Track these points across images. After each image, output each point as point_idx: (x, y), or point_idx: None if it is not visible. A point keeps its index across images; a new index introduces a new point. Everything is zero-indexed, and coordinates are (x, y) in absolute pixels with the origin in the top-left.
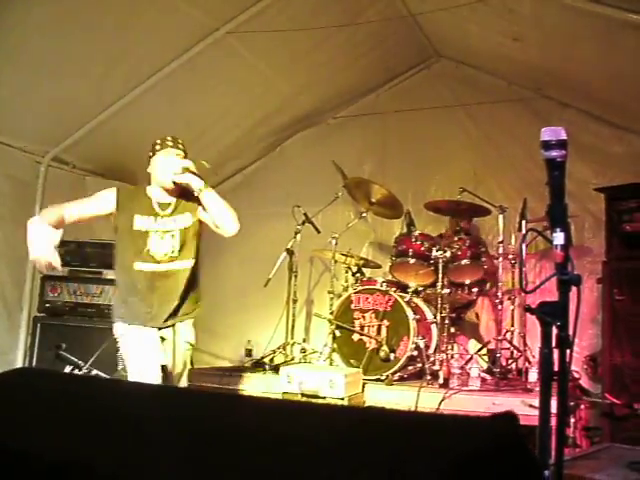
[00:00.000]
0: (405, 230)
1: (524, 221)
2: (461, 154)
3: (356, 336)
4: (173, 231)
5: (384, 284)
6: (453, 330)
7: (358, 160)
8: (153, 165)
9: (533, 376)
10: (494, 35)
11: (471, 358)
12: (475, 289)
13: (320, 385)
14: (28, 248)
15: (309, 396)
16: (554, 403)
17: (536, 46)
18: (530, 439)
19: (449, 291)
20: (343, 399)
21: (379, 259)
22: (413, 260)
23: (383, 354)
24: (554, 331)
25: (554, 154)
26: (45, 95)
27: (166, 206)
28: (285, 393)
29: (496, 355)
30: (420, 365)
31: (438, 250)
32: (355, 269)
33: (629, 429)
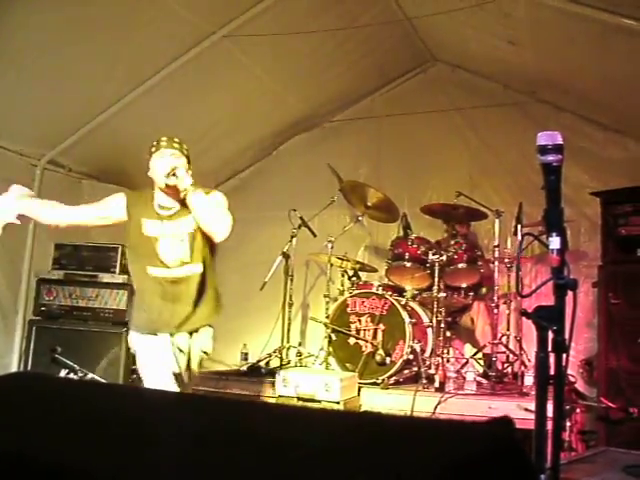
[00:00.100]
0: (401, 234)
1: (520, 225)
2: (457, 158)
3: (352, 340)
4: (181, 235)
5: (380, 288)
6: (449, 334)
7: (354, 164)
8: (150, 168)
9: (529, 380)
10: (490, 39)
11: (467, 362)
12: (471, 293)
13: (316, 389)
14: None
15: (305, 400)
16: (550, 407)
17: (532, 50)
18: (526, 443)
19: (445, 295)
20: (339, 403)
21: (375, 263)
22: (409, 264)
23: (379, 358)
24: (550, 335)
25: (550, 159)
26: (41, 98)
27: (169, 209)
28: (281, 397)
29: (492, 359)
30: (416, 369)
31: (434, 254)
32: (351, 273)
33: (625, 433)
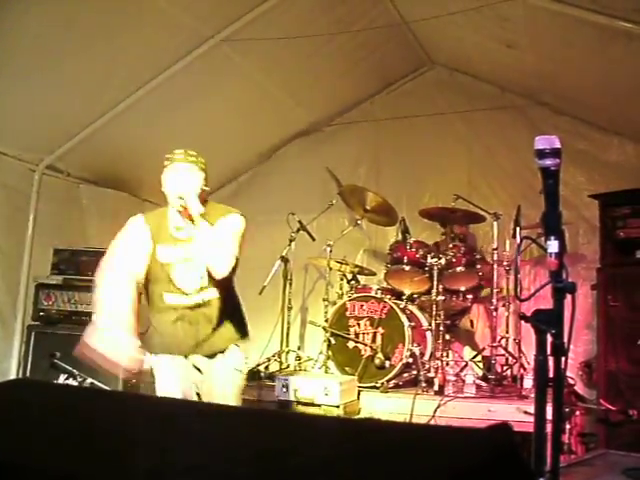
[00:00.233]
0: (400, 237)
1: (518, 228)
2: (455, 161)
3: (351, 344)
4: (195, 259)
5: (379, 291)
6: (448, 337)
7: (352, 167)
8: (162, 183)
9: (528, 383)
10: (488, 42)
11: (466, 365)
12: (470, 296)
13: (315, 393)
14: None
15: (304, 404)
16: (549, 410)
17: (530, 53)
18: (525, 446)
19: (444, 298)
20: (338, 407)
21: (374, 266)
22: (408, 267)
23: (378, 361)
24: (549, 338)
25: (548, 163)
26: (39, 103)
27: (182, 229)
28: (280, 401)
29: (491, 362)
30: (415, 372)
31: (433, 257)
32: (350, 276)
33: (624, 435)
